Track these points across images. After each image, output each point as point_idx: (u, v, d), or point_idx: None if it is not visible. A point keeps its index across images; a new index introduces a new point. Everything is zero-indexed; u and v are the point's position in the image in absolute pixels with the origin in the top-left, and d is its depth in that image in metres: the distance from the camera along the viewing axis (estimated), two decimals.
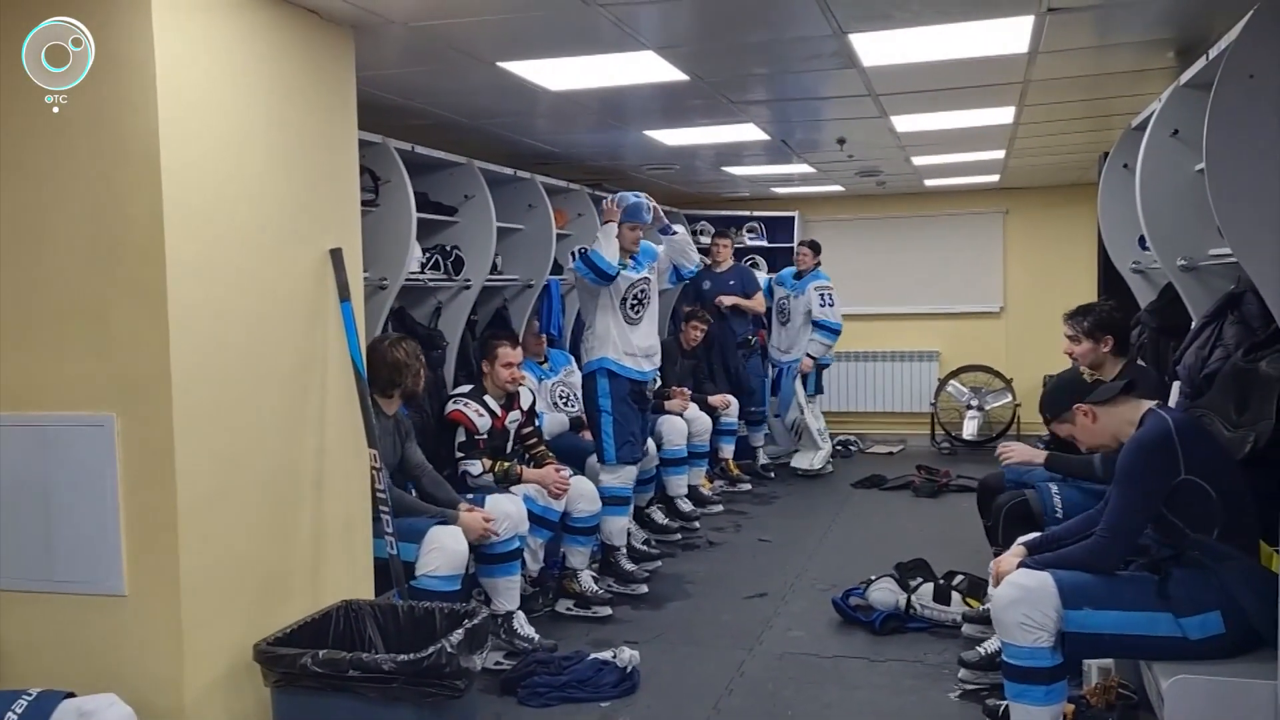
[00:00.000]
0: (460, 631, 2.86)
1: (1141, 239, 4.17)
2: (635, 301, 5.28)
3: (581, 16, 3.34)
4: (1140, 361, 4.17)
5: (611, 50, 3.85)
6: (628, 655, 4.00)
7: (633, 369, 5.22)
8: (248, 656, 2.88)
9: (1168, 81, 4.37)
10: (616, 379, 5.16)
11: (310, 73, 3.26)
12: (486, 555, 4.20)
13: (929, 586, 4.62)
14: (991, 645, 3.91)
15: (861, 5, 3.37)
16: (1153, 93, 4.61)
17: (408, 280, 4.52)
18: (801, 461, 8.07)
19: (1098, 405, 3.12)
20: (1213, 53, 3.23)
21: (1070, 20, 3.65)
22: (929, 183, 8.81)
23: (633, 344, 5.21)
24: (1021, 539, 3.38)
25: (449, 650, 2.76)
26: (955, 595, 4.56)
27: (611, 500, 5.06)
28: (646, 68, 4.08)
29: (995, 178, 8.57)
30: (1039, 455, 4.16)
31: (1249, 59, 2.55)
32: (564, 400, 5.79)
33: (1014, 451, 4.23)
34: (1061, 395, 3.27)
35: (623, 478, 5.16)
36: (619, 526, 5.19)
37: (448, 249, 5.10)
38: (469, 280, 5.17)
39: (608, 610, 4.85)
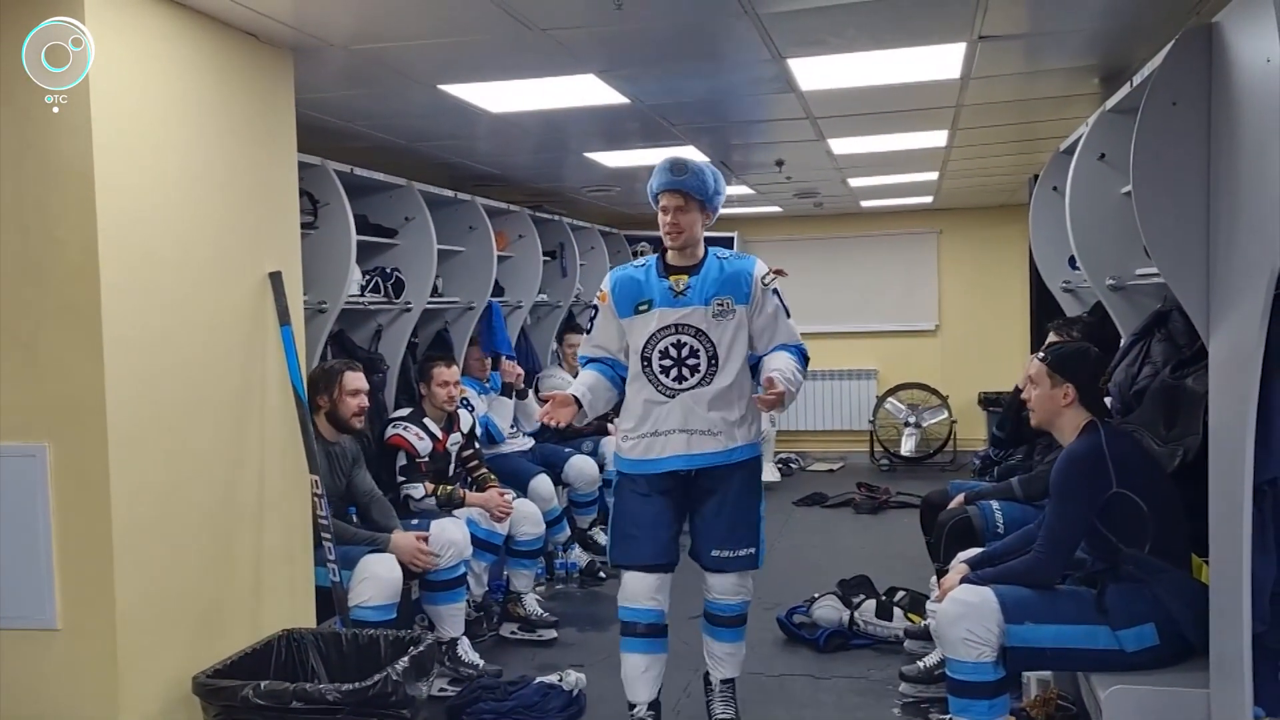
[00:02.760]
0: (406, 659, 2.83)
1: (1072, 259, 4.28)
2: (673, 360, 3.41)
3: (525, 40, 3.35)
4: None
5: (554, 73, 3.86)
6: (574, 679, 3.99)
7: (644, 461, 3.47)
8: (186, 690, 2.81)
9: (1092, 107, 4.50)
10: (622, 476, 3.60)
11: (250, 95, 3.22)
12: (430, 582, 4.16)
13: (872, 603, 4.68)
14: (931, 659, 3.98)
15: (800, 31, 3.44)
16: (1078, 117, 4.74)
17: (347, 303, 4.47)
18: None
19: (1079, 393, 3.14)
20: (1136, 79, 3.33)
21: (1000, 47, 3.75)
22: (865, 204, 8.95)
23: (656, 420, 3.44)
24: (961, 555, 3.45)
25: (395, 678, 2.73)
26: (897, 611, 4.63)
27: (621, 629, 3.62)
28: (588, 91, 4.10)
29: (929, 199, 8.74)
30: (958, 501, 4.17)
31: (1171, 86, 2.63)
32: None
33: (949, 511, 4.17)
34: (1085, 362, 3.21)
35: (627, 593, 3.56)
36: (630, 669, 3.62)
37: (388, 271, 5.05)
38: (409, 303, 5.12)
39: (553, 633, 4.83)
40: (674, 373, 3.42)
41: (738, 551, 3.56)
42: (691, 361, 3.41)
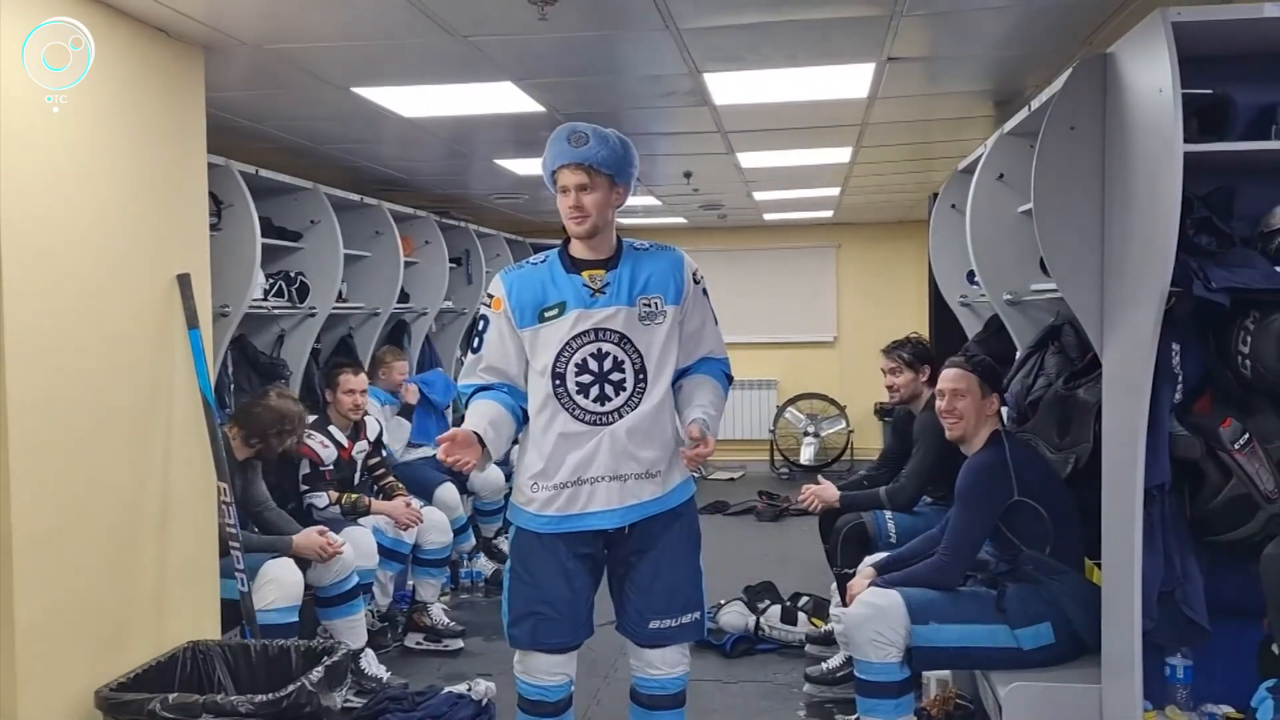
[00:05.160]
0: (320, 669, 2.78)
1: (970, 274, 4.44)
2: (593, 376, 2.74)
3: (445, 46, 3.34)
4: None
5: (471, 79, 3.85)
6: (484, 688, 3.95)
7: (563, 518, 2.78)
8: (89, 704, 2.73)
9: (986, 129, 4.70)
10: (526, 535, 2.85)
11: (159, 93, 3.14)
12: (323, 598, 4.04)
13: (776, 608, 4.77)
14: (834, 661, 4.09)
15: (718, 47, 3.51)
16: (973, 138, 4.94)
17: (250, 308, 4.37)
18: None
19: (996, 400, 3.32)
20: (1034, 104, 3.50)
21: (906, 69, 3.88)
22: (767, 217, 9.12)
23: (578, 465, 2.74)
24: (869, 560, 3.56)
25: (309, 688, 2.69)
26: (802, 616, 4.72)
27: (521, 704, 2.93)
28: (504, 98, 4.09)
29: (829, 213, 8.95)
30: (833, 494, 4.34)
31: (1070, 112, 2.77)
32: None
33: (815, 497, 4.38)
34: (997, 372, 3.45)
35: (530, 668, 2.88)
36: None
37: (292, 275, 4.95)
38: (314, 308, 5.03)
39: (459, 643, 4.78)
40: (594, 391, 2.72)
41: (681, 619, 2.88)
42: (616, 377, 2.73)
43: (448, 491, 5.34)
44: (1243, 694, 2.58)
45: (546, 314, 2.76)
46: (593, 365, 2.73)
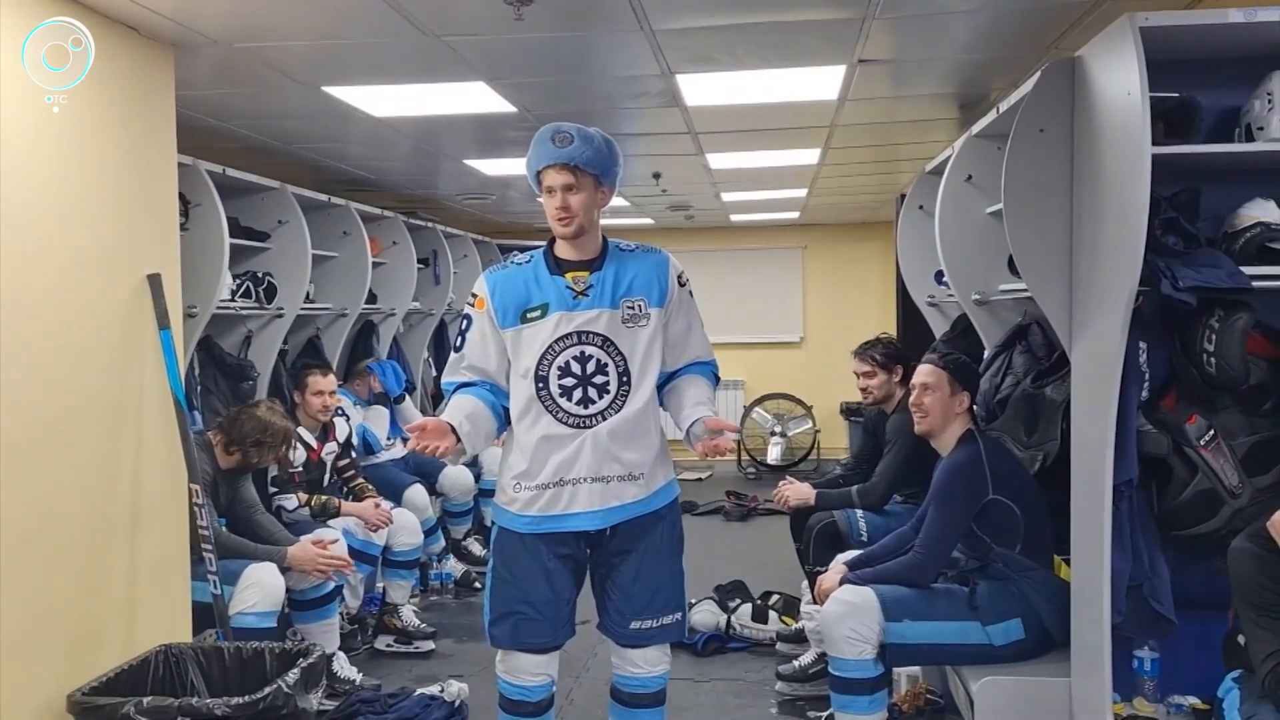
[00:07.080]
0: (296, 670, 2.76)
1: (938, 274, 4.49)
2: (576, 379, 2.72)
3: (419, 45, 3.34)
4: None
5: (444, 79, 3.85)
6: (456, 689, 3.94)
7: (546, 519, 2.78)
8: (60, 709, 2.69)
9: (952, 132, 4.75)
10: (508, 535, 2.86)
11: (129, 91, 3.11)
12: (299, 601, 4.02)
13: (747, 607, 4.79)
14: (806, 658, 4.11)
15: (691, 48, 3.53)
16: (938, 140, 5.00)
17: (218, 308, 4.32)
18: None
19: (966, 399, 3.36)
20: (1003, 107, 3.55)
21: (876, 71, 3.93)
22: (734, 218, 9.16)
23: (560, 466, 2.74)
24: (841, 557, 3.59)
25: (286, 690, 2.67)
26: (772, 614, 4.75)
27: (503, 704, 2.93)
28: (477, 98, 4.09)
29: (795, 215, 9.01)
30: (808, 492, 4.38)
31: (1039, 114, 2.82)
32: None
33: (790, 493, 4.43)
34: (974, 374, 3.51)
35: (512, 668, 2.87)
36: None
37: (259, 275, 4.90)
38: (282, 308, 4.98)
39: (430, 645, 4.76)
40: (578, 394, 2.70)
41: (662, 620, 2.87)
42: (599, 380, 2.71)
43: (417, 493, 5.32)
44: (1209, 685, 2.61)
45: (529, 315, 2.74)
46: (575, 368, 2.72)
